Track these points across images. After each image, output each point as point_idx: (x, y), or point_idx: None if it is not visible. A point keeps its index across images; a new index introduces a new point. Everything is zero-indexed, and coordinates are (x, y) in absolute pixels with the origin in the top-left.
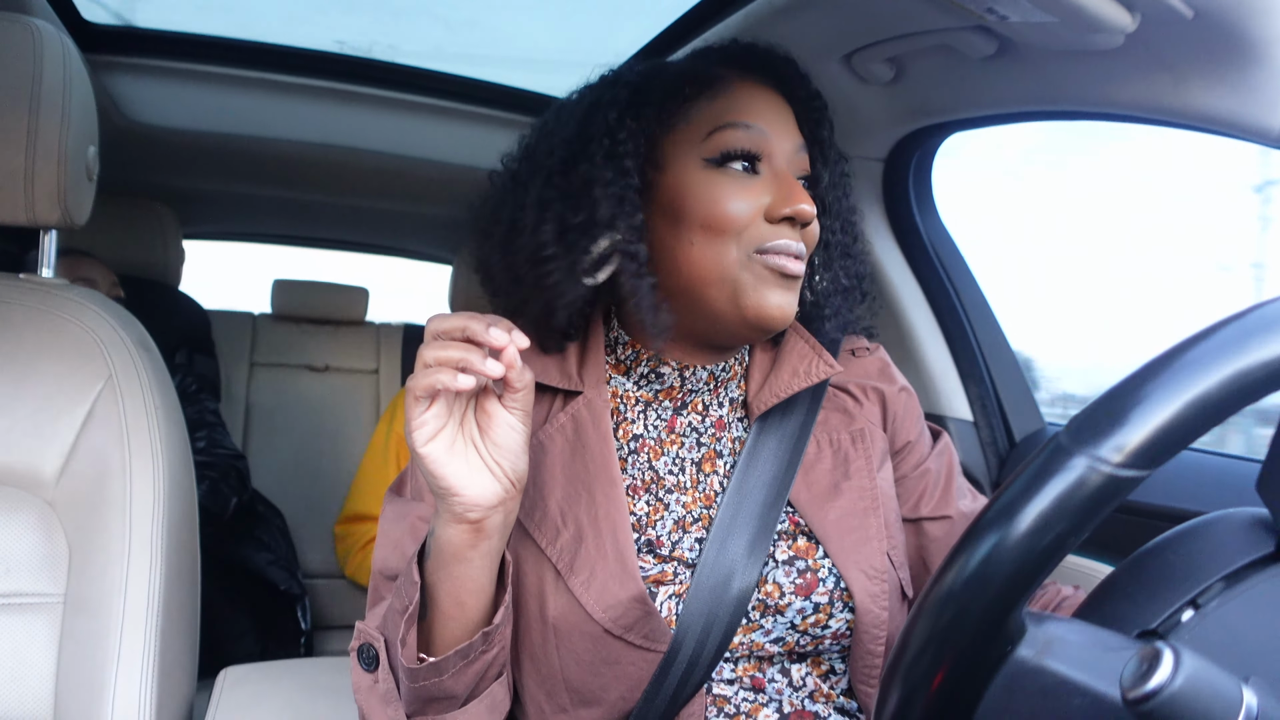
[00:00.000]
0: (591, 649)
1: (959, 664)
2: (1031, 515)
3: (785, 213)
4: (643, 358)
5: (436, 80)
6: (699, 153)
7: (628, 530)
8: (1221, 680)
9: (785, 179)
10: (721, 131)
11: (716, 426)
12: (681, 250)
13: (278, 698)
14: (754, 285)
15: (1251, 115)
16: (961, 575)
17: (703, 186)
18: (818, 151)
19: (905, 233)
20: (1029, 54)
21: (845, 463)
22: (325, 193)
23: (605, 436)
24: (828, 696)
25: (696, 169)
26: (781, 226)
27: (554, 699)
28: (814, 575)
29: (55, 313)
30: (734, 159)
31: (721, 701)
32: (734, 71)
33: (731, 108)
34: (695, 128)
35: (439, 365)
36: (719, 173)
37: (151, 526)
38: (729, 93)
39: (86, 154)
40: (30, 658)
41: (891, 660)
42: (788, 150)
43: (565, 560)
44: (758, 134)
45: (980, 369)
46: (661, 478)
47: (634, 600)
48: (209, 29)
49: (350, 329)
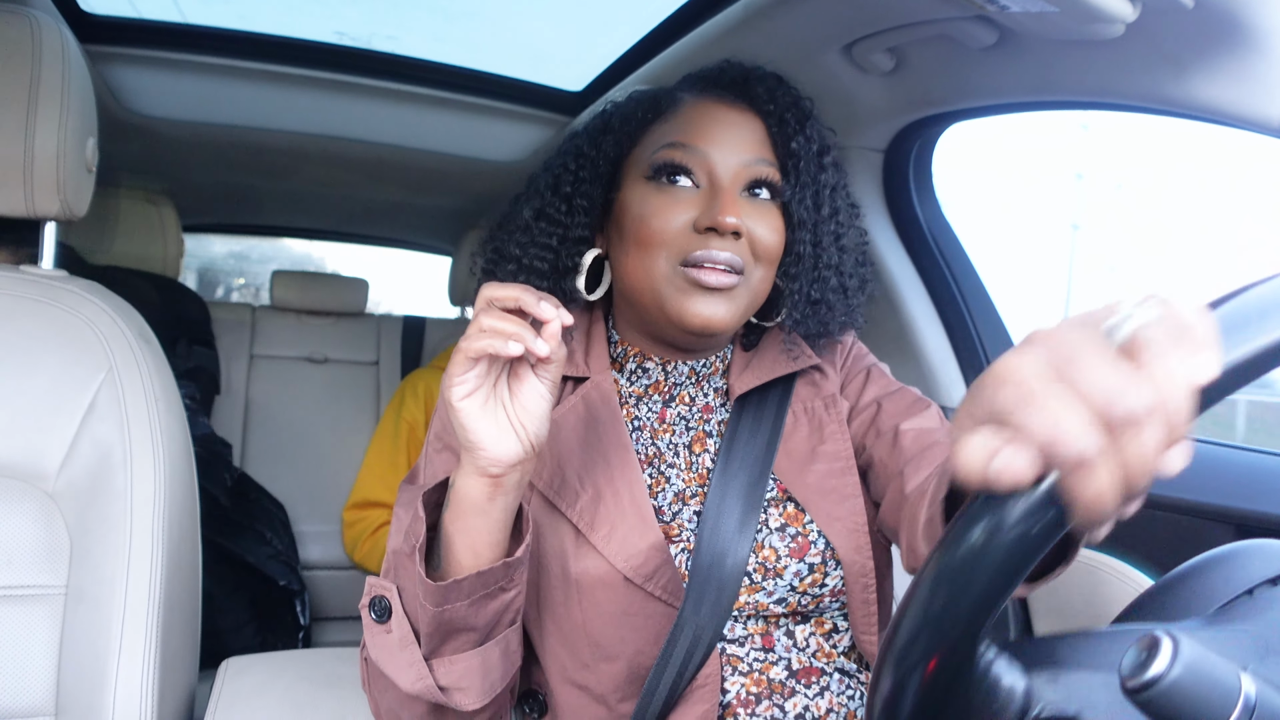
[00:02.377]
0: (613, 600)
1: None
2: (1023, 500)
3: (705, 224)
4: (630, 354)
5: (436, 71)
6: (642, 171)
7: (643, 487)
8: (1220, 668)
9: (720, 193)
10: (661, 150)
11: (704, 411)
12: (626, 262)
13: (279, 688)
14: (675, 296)
15: (1252, 105)
16: (954, 557)
17: (639, 202)
18: (790, 164)
19: (905, 223)
20: (1029, 44)
21: (820, 428)
22: (325, 184)
23: (615, 412)
24: (829, 656)
25: (639, 185)
26: (709, 237)
27: (576, 655)
28: (805, 539)
29: (56, 305)
30: (667, 173)
31: (735, 660)
32: (693, 93)
33: (676, 128)
34: (645, 149)
35: (494, 333)
36: (654, 188)
37: (153, 518)
38: (677, 114)
39: (85, 145)
40: (32, 649)
41: (883, 645)
42: (733, 165)
43: (586, 520)
44: (694, 152)
45: (980, 359)
46: (662, 453)
47: (653, 548)
48: (208, 20)
49: (350, 321)
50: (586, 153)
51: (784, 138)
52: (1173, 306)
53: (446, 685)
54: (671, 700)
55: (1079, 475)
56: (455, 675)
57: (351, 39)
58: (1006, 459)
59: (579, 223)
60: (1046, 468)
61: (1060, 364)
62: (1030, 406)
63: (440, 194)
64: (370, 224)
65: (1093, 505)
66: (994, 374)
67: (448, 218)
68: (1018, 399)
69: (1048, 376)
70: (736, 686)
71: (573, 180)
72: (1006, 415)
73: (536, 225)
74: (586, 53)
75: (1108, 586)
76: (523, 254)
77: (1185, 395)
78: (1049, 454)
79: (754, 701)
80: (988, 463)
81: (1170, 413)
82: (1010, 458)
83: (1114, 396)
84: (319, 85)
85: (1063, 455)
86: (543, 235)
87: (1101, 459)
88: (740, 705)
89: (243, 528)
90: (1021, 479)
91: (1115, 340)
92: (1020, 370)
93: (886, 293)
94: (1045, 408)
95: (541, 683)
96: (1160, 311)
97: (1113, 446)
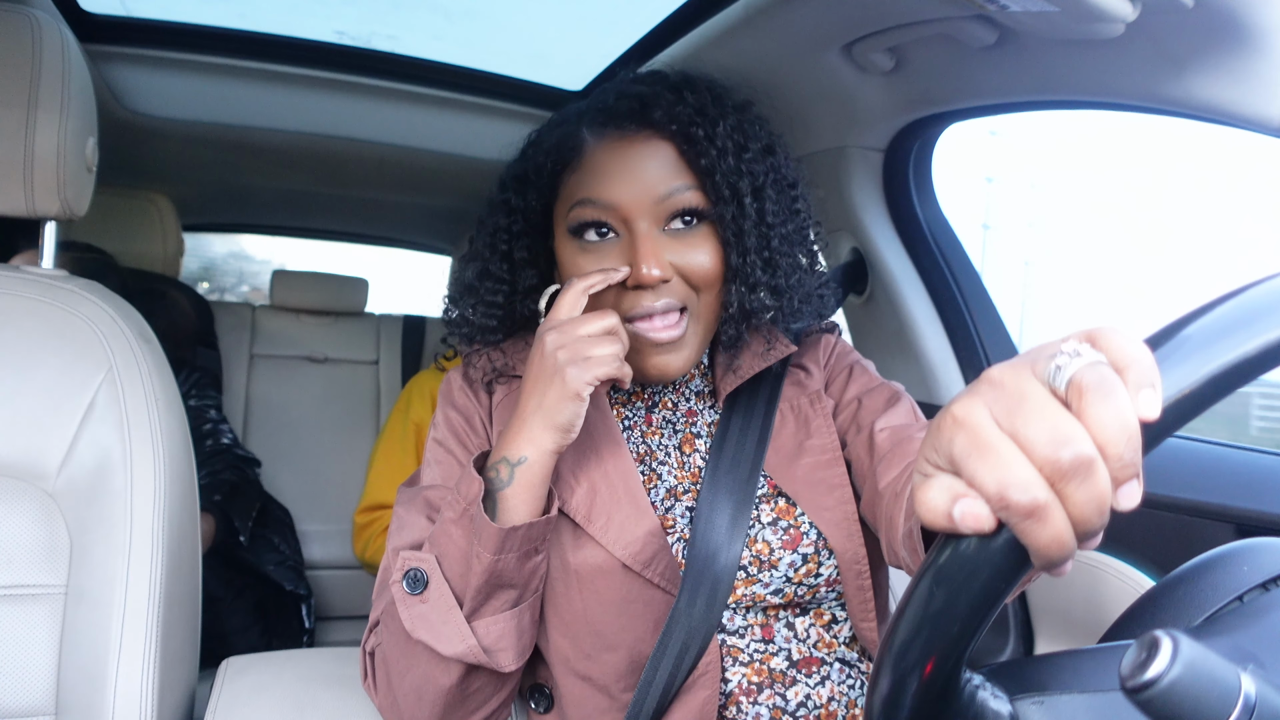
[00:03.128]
0: (612, 588)
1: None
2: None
3: (632, 283)
4: None
5: (436, 71)
6: (565, 224)
7: (636, 476)
8: (1220, 668)
9: (637, 244)
10: (575, 209)
11: (688, 415)
12: None
13: (280, 687)
14: (630, 353)
15: (1252, 104)
16: (954, 556)
17: (568, 261)
18: (707, 181)
19: (905, 223)
20: (1029, 43)
21: (806, 423)
22: (325, 184)
23: (604, 411)
24: (830, 646)
25: (566, 239)
26: (641, 293)
27: (579, 646)
28: (797, 530)
29: (56, 305)
30: (583, 232)
31: (735, 651)
32: (594, 133)
33: (584, 181)
34: (563, 200)
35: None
36: (578, 247)
37: (153, 517)
38: (582, 163)
39: (85, 145)
40: (32, 649)
41: (881, 646)
42: (647, 204)
43: (582, 512)
44: (604, 206)
45: (980, 359)
46: (653, 451)
47: (650, 534)
48: (208, 19)
49: (350, 320)
50: (516, 205)
51: (694, 155)
52: (1112, 344)
53: (488, 646)
54: (671, 689)
55: (1029, 525)
56: (495, 635)
57: (351, 38)
58: (966, 508)
59: (526, 275)
60: (999, 516)
61: (1007, 415)
62: (980, 458)
63: (440, 194)
64: (370, 224)
65: (1046, 551)
66: (949, 417)
67: (447, 218)
68: (969, 448)
69: (996, 425)
70: (738, 676)
71: (508, 237)
72: (962, 463)
73: (482, 285)
74: (586, 53)
75: (1108, 586)
76: (474, 315)
77: (1127, 436)
78: (1001, 504)
79: (756, 691)
80: (949, 509)
81: (1114, 456)
82: (970, 506)
83: (1057, 446)
84: (319, 85)
85: (1013, 506)
86: (489, 294)
87: (1052, 507)
88: (742, 694)
89: (252, 534)
90: (982, 527)
91: (1057, 385)
92: (972, 418)
93: (886, 291)
94: (995, 460)
95: (546, 676)
96: (1096, 355)
97: (1063, 493)
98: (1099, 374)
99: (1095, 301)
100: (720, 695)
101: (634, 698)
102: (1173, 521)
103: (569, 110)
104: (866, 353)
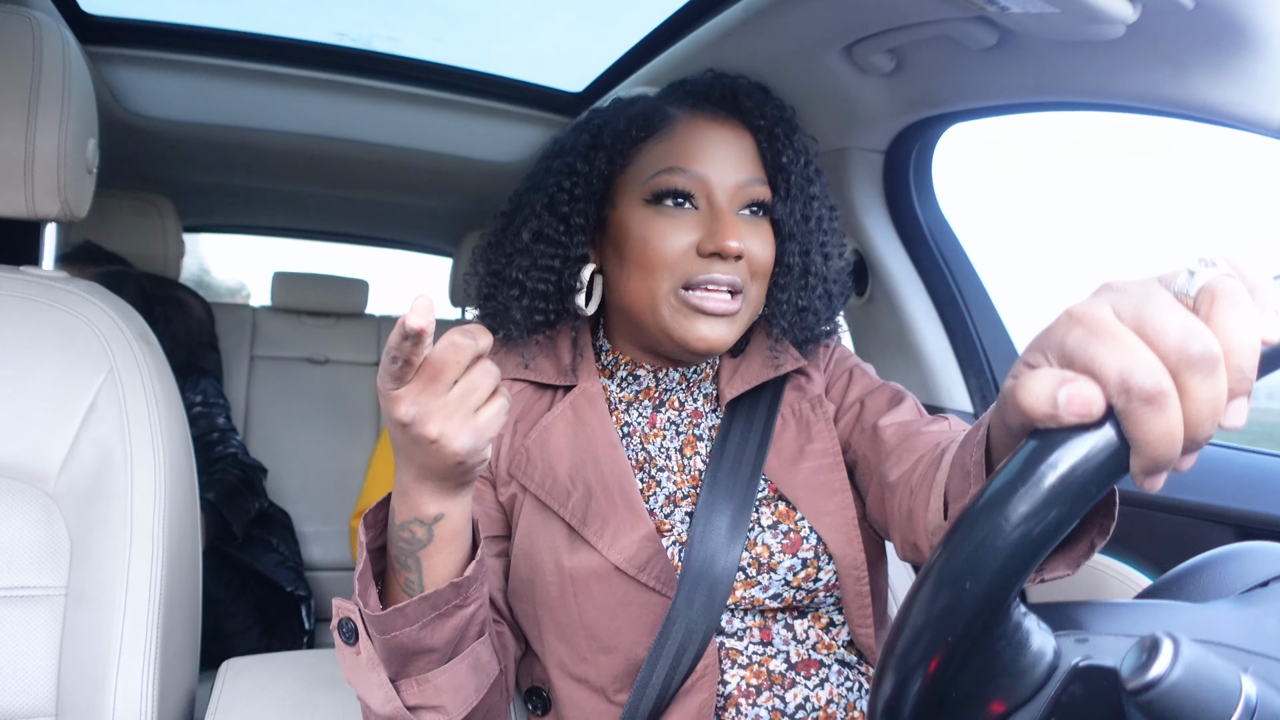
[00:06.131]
0: (607, 592)
1: (953, 651)
2: (1025, 499)
3: (710, 249)
4: (621, 362)
5: (437, 72)
6: (640, 193)
7: (632, 481)
8: (1220, 670)
9: (719, 215)
10: (660, 175)
11: (693, 416)
12: (624, 282)
13: (279, 689)
14: (677, 319)
15: (1252, 106)
16: (956, 558)
17: (639, 225)
18: (780, 179)
19: (905, 223)
20: (1030, 45)
21: (807, 428)
22: (325, 185)
23: (603, 415)
24: (829, 648)
25: (638, 208)
26: (712, 260)
27: (575, 649)
28: (797, 535)
29: (56, 306)
30: (668, 197)
31: (734, 654)
32: (685, 109)
33: (672, 151)
34: (641, 169)
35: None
36: (654, 211)
37: (153, 518)
38: (672, 135)
39: (86, 146)
40: (32, 650)
41: (885, 646)
42: (730, 185)
43: (578, 516)
44: (694, 177)
45: (980, 360)
46: (653, 457)
47: (645, 539)
48: (209, 21)
49: (350, 321)
50: (580, 170)
51: (774, 153)
52: (1241, 267)
53: (415, 705)
54: (669, 691)
55: (1148, 412)
56: (425, 695)
57: (352, 40)
58: (1075, 389)
59: (578, 241)
60: (1116, 403)
61: (1133, 309)
62: (1104, 343)
63: (440, 195)
64: (370, 225)
65: (1157, 445)
66: (1067, 316)
67: (448, 218)
68: (1091, 337)
69: (1121, 319)
70: (736, 678)
71: (568, 199)
72: (1078, 352)
73: (536, 248)
74: (586, 54)
75: (1108, 587)
76: (525, 278)
77: (1251, 350)
78: (1122, 388)
79: (754, 693)
80: (1054, 394)
81: (1235, 365)
82: (1080, 388)
83: (1187, 337)
84: (319, 86)
85: (1135, 389)
86: (544, 258)
87: (1172, 397)
88: (741, 696)
89: (250, 536)
90: (1090, 411)
91: (1187, 292)
92: (1094, 312)
93: (886, 293)
94: (1119, 345)
95: (543, 679)
96: (1229, 270)
97: (1185, 386)
98: (1234, 285)
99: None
100: (719, 697)
101: (629, 699)
102: (1173, 522)
103: (637, 92)
104: (866, 354)
